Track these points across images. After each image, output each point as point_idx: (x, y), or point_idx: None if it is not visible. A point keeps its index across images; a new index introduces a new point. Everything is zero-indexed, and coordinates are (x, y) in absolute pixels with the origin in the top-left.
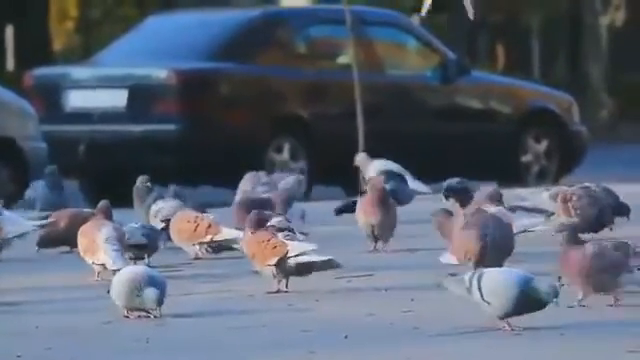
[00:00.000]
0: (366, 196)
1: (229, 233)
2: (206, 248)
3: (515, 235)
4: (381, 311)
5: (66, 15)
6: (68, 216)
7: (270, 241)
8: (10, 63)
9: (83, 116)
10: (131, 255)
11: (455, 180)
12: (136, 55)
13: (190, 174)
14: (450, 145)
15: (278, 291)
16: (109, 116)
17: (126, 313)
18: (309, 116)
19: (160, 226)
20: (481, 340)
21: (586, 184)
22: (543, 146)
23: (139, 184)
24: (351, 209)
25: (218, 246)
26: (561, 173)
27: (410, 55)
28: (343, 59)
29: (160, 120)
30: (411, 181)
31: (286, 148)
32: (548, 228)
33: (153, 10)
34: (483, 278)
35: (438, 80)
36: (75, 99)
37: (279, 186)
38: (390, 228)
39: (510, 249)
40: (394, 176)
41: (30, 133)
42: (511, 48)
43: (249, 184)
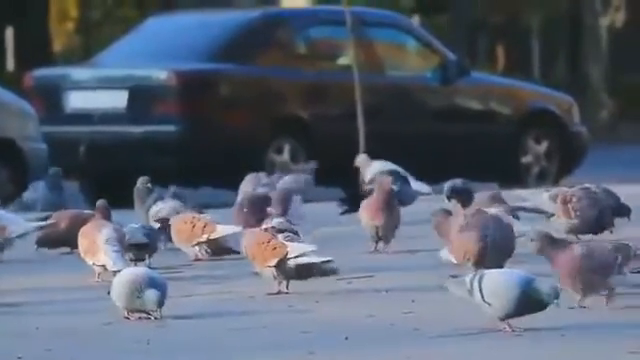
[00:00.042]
0: (372, 197)
1: (224, 230)
2: (205, 249)
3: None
4: (381, 312)
5: (66, 16)
6: (68, 217)
7: (270, 242)
8: (10, 64)
9: (83, 117)
10: (131, 256)
11: (459, 181)
12: (136, 56)
13: (190, 175)
14: (450, 146)
15: (278, 292)
16: (109, 117)
17: (126, 314)
18: (309, 117)
19: (156, 226)
20: (482, 341)
21: (586, 185)
22: (543, 147)
23: (139, 185)
24: (353, 206)
25: (218, 249)
26: (561, 174)
27: (410, 56)
28: (343, 60)
29: (160, 121)
30: (413, 182)
31: (286, 149)
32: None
33: (153, 11)
34: (484, 279)
35: (438, 81)
36: (75, 100)
37: (277, 186)
38: (393, 230)
39: (511, 250)
40: (398, 177)
41: (30, 134)
42: (511, 49)
43: (250, 185)
